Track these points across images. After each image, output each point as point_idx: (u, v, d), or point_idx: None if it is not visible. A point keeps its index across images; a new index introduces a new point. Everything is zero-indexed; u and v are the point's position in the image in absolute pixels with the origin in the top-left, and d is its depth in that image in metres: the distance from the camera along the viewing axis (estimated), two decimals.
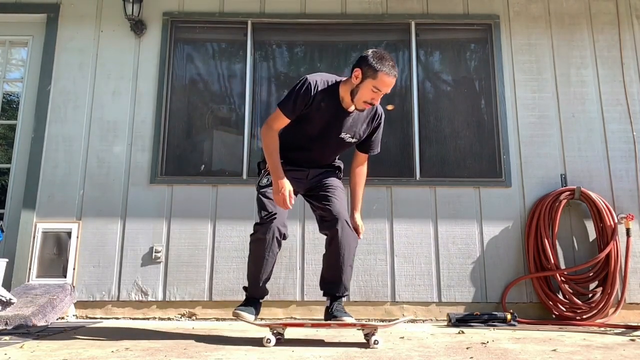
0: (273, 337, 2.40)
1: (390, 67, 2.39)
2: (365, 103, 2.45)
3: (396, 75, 2.43)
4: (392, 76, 2.39)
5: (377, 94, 2.42)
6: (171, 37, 4.01)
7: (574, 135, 3.85)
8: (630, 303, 3.60)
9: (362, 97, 2.43)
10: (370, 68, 2.38)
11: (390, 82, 2.40)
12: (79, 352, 2.23)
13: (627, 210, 3.70)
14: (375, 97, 2.43)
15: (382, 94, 2.44)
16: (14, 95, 4.15)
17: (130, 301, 3.58)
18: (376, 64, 2.37)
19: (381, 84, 2.38)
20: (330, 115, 2.51)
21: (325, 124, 2.52)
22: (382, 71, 2.37)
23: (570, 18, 4.05)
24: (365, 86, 2.40)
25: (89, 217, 3.69)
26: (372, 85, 2.39)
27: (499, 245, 3.68)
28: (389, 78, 2.38)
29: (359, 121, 2.58)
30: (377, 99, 2.45)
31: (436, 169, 3.84)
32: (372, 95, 2.42)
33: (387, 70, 2.37)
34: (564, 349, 2.33)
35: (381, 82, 2.38)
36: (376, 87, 2.39)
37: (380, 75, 2.37)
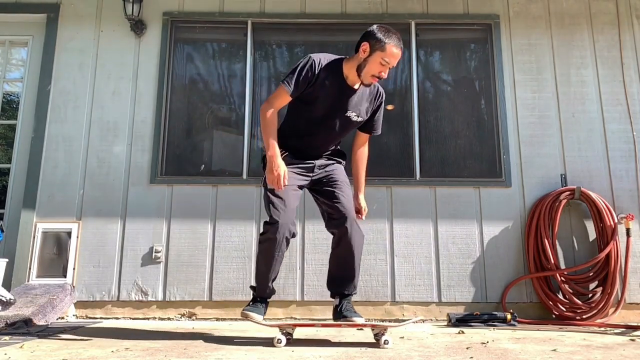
0: (283, 337, 2.39)
1: (397, 39, 2.42)
2: (373, 77, 2.44)
3: (402, 48, 2.45)
4: (399, 48, 2.42)
5: (386, 66, 2.42)
6: (171, 37, 4.01)
7: (574, 135, 3.85)
8: (630, 303, 3.60)
9: (370, 70, 2.42)
10: (378, 41, 2.39)
11: (398, 54, 2.42)
12: (79, 352, 2.23)
13: (627, 210, 3.70)
14: (383, 69, 2.42)
15: (389, 67, 2.43)
16: (14, 95, 4.15)
17: (130, 301, 3.58)
18: (384, 37, 2.39)
19: (390, 56, 2.40)
20: (335, 93, 2.49)
21: (330, 103, 2.50)
22: (390, 43, 2.39)
23: (570, 18, 4.05)
24: (374, 59, 2.40)
25: (89, 217, 3.69)
26: (380, 58, 2.39)
27: (499, 245, 3.68)
28: (397, 49, 2.41)
29: (363, 99, 2.57)
30: (385, 72, 2.44)
31: (436, 169, 3.84)
32: (380, 68, 2.41)
33: (394, 42, 2.40)
34: (564, 349, 2.33)
35: (390, 53, 2.39)
36: (385, 59, 2.39)
37: (389, 47, 2.38)
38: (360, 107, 2.56)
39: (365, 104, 2.58)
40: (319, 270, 3.60)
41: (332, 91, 2.48)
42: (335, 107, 2.51)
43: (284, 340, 2.38)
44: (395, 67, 3.99)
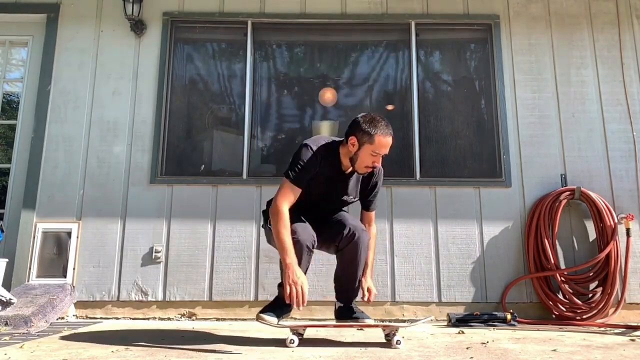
0: (296, 337, 2.37)
1: (384, 127, 2.37)
2: (367, 168, 2.44)
3: (391, 134, 2.40)
4: (388, 136, 2.38)
5: (377, 156, 2.40)
6: (171, 37, 4.01)
7: (574, 135, 3.85)
8: (630, 303, 3.60)
9: (362, 162, 2.41)
10: (364, 134, 2.36)
11: (388, 143, 2.39)
12: (79, 352, 2.23)
13: (627, 210, 3.70)
14: (376, 159, 2.41)
15: (381, 156, 2.42)
16: (14, 95, 4.15)
17: (130, 301, 3.58)
18: (370, 129, 2.36)
19: (379, 147, 2.37)
20: (333, 180, 2.50)
21: (328, 188, 2.51)
22: (378, 134, 2.35)
23: (570, 18, 4.05)
24: (364, 152, 2.38)
25: (89, 217, 3.68)
26: (370, 150, 2.37)
27: (499, 245, 3.68)
28: (385, 139, 2.37)
29: (359, 181, 2.59)
30: (378, 161, 2.43)
31: (436, 169, 3.84)
32: (372, 159, 2.40)
33: (382, 132, 2.36)
34: (564, 349, 2.33)
35: (379, 145, 2.36)
36: (375, 151, 2.37)
37: (377, 138, 2.35)
38: (356, 189, 2.58)
39: (362, 184, 2.59)
40: (319, 271, 3.60)
41: (331, 178, 2.49)
42: (332, 191, 2.53)
43: (296, 340, 2.36)
44: (395, 67, 4.04)
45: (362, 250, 2.49)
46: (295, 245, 2.31)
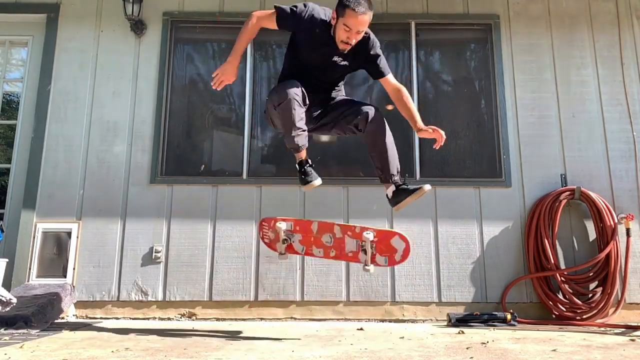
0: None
1: (357, 3, 2.36)
2: (342, 43, 2.47)
3: (365, 12, 2.39)
4: (359, 13, 2.36)
5: (350, 32, 2.41)
6: (171, 37, 4.01)
7: (574, 135, 3.85)
8: (630, 303, 3.60)
9: (339, 37, 2.45)
10: (340, 6, 2.41)
11: (358, 20, 2.37)
12: (79, 352, 2.23)
13: (627, 210, 3.70)
14: (349, 35, 2.42)
15: (355, 32, 2.42)
16: (14, 95, 4.15)
17: (130, 301, 3.58)
18: (346, 2, 2.39)
19: (349, 21, 2.38)
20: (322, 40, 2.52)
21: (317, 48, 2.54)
22: (348, 7, 2.36)
23: (570, 18, 4.05)
24: (339, 25, 2.43)
25: (89, 217, 3.68)
26: (342, 24, 2.40)
27: (499, 245, 3.68)
28: (355, 14, 2.36)
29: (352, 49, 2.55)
30: (352, 38, 2.44)
31: (436, 169, 3.84)
32: (345, 34, 2.42)
33: (353, 5, 2.36)
34: (564, 349, 2.33)
35: (348, 19, 2.38)
36: (346, 24, 2.39)
37: (348, 11, 2.37)
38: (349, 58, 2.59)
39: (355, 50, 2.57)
40: (318, 271, 3.60)
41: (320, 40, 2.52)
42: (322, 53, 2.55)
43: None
44: (395, 67, 4.04)
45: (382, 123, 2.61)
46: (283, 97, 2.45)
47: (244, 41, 2.58)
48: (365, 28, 2.46)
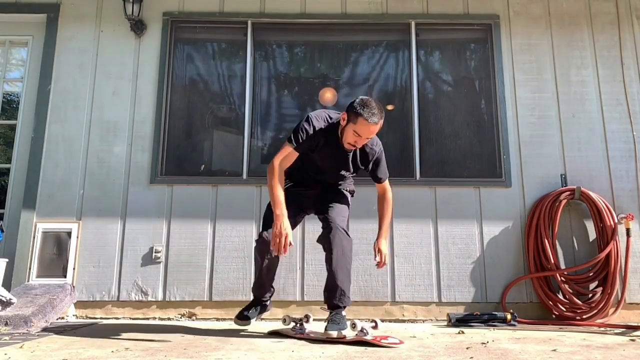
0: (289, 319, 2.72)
1: (370, 114, 2.45)
2: (349, 144, 2.56)
3: (378, 122, 2.48)
4: (371, 123, 2.46)
5: (359, 138, 2.51)
6: (171, 37, 4.01)
7: (574, 135, 3.85)
8: (630, 303, 3.60)
9: (346, 138, 2.55)
10: (353, 113, 2.48)
11: (368, 128, 2.47)
12: (79, 352, 2.23)
13: (627, 210, 3.70)
14: (357, 140, 2.52)
15: (363, 139, 2.52)
16: (14, 95, 4.15)
17: (130, 301, 3.58)
18: (359, 109, 2.47)
19: (360, 129, 2.47)
20: (331, 151, 2.64)
21: (326, 160, 2.69)
22: (362, 116, 2.45)
23: (570, 18, 4.05)
24: (348, 129, 2.51)
25: (89, 217, 3.68)
26: (352, 129, 2.49)
27: (499, 245, 3.68)
28: (367, 124, 2.45)
29: (360, 158, 2.71)
30: (359, 142, 2.54)
31: (436, 169, 3.84)
32: (354, 138, 2.52)
33: (366, 116, 2.44)
34: (564, 349, 2.33)
35: (360, 127, 2.47)
36: (356, 131, 2.48)
37: (360, 120, 2.45)
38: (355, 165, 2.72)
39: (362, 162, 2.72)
40: (318, 271, 3.60)
41: (328, 152, 2.64)
42: (331, 164, 2.71)
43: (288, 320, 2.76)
44: (395, 67, 4.04)
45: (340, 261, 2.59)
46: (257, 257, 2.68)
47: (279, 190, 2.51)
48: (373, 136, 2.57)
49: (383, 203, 2.82)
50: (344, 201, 2.81)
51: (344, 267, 2.60)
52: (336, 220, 2.65)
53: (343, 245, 2.60)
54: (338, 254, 2.58)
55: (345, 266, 2.61)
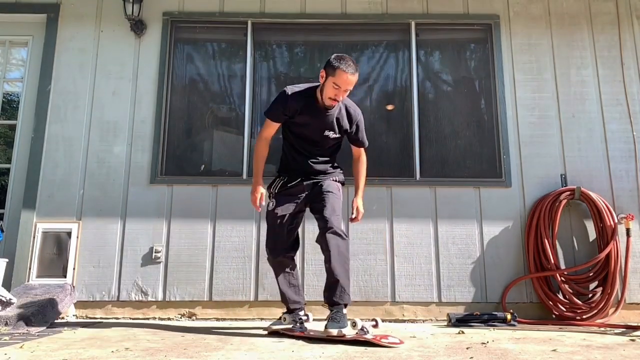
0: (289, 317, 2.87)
1: (347, 65, 2.63)
2: (330, 99, 2.70)
3: (354, 73, 2.65)
4: (349, 73, 2.63)
5: (339, 89, 2.65)
6: (171, 37, 4.01)
7: (574, 135, 3.85)
8: (630, 303, 3.60)
9: (326, 94, 2.69)
10: (330, 67, 2.66)
11: (347, 79, 2.64)
12: (79, 352, 2.23)
13: (627, 210, 3.70)
14: (337, 93, 2.67)
15: (343, 91, 2.67)
16: (14, 95, 4.15)
17: (130, 301, 3.58)
18: (335, 63, 2.64)
19: (339, 81, 2.63)
20: (311, 115, 2.78)
21: (309, 124, 2.80)
22: (340, 68, 2.62)
23: (570, 18, 4.05)
24: (328, 84, 2.67)
25: (89, 217, 3.69)
26: (332, 82, 2.64)
27: (499, 245, 3.68)
28: (345, 74, 2.62)
29: (341, 118, 2.84)
30: (339, 95, 2.68)
31: (436, 169, 3.84)
32: (334, 92, 2.66)
33: (344, 67, 2.62)
34: (564, 349, 2.33)
35: (338, 78, 2.63)
36: (336, 83, 2.63)
37: (338, 72, 2.62)
38: (337, 126, 2.83)
39: (343, 123, 2.86)
40: (319, 271, 3.60)
41: (308, 115, 2.78)
42: (314, 128, 2.81)
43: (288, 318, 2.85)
44: (395, 67, 4.04)
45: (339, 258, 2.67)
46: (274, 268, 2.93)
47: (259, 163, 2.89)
48: (351, 87, 2.70)
49: (359, 165, 3.02)
50: (336, 196, 2.84)
51: (342, 265, 2.66)
52: (332, 220, 2.70)
53: (339, 245, 2.67)
54: (335, 254, 2.64)
55: (343, 265, 2.66)
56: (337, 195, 2.85)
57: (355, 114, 2.90)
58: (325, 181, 2.87)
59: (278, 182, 2.88)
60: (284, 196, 2.85)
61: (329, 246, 2.65)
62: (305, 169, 2.87)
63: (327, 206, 2.74)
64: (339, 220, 2.76)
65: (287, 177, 2.88)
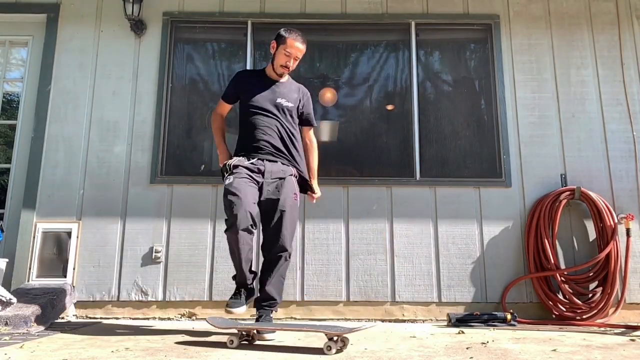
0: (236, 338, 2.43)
1: (296, 34, 2.90)
2: (281, 67, 2.92)
3: (303, 42, 2.92)
4: (299, 41, 2.89)
5: (289, 57, 2.89)
6: (171, 37, 4.01)
7: (574, 135, 3.85)
8: (630, 303, 3.60)
9: (278, 62, 2.91)
10: (280, 37, 2.91)
11: (298, 47, 2.89)
12: (79, 352, 2.23)
13: (627, 210, 3.70)
14: (288, 61, 2.90)
15: (293, 58, 2.90)
16: (14, 95, 4.15)
17: (130, 301, 3.58)
18: (285, 33, 2.90)
19: (289, 49, 2.87)
20: (262, 88, 2.95)
21: (261, 95, 2.92)
22: (290, 37, 2.88)
23: (570, 18, 4.05)
24: (279, 52, 2.90)
25: (89, 217, 3.69)
26: (283, 50, 2.88)
27: (499, 245, 3.68)
28: (296, 42, 2.88)
29: (291, 91, 3.01)
30: (290, 62, 2.91)
31: (436, 169, 3.84)
32: (285, 59, 2.90)
33: (294, 36, 2.89)
34: (564, 349, 2.33)
35: (289, 47, 2.87)
36: (287, 50, 2.87)
37: (289, 40, 2.88)
38: (289, 96, 2.98)
39: (293, 94, 3.01)
40: (319, 271, 3.60)
41: (260, 87, 2.95)
42: (266, 97, 2.93)
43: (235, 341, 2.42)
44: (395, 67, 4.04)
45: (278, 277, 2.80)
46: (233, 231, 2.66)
47: (219, 135, 3.04)
48: (300, 56, 2.92)
49: (311, 148, 3.12)
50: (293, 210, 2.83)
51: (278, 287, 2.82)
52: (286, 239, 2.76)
53: (284, 271, 2.81)
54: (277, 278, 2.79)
55: (279, 287, 2.83)
56: (294, 205, 2.83)
57: (304, 89, 3.09)
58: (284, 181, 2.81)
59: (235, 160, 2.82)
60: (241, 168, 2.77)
61: (276, 268, 2.77)
62: (265, 145, 2.83)
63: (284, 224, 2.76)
64: (292, 239, 2.83)
65: (245, 154, 2.84)
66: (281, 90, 2.97)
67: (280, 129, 2.89)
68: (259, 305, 2.79)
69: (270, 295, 2.77)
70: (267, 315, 2.75)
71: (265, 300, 2.78)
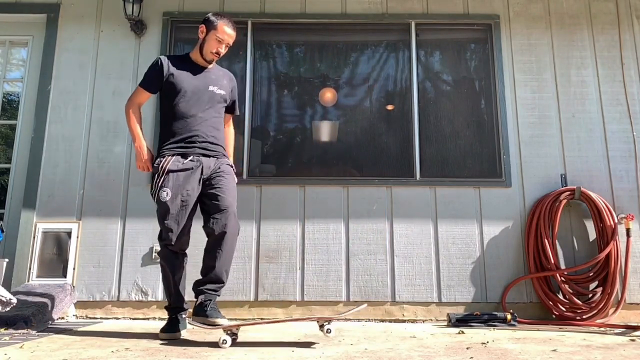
0: (229, 337, 2.40)
1: (227, 20, 2.82)
2: (212, 54, 2.81)
3: (234, 29, 2.84)
4: (230, 27, 2.82)
5: (221, 43, 2.80)
6: (171, 37, 4.01)
7: (574, 135, 3.85)
8: (630, 303, 3.60)
9: (208, 48, 2.80)
10: (211, 22, 2.81)
11: (230, 33, 2.81)
12: (79, 352, 2.23)
13: (627, 210, 3.70)
14: (219, 46, 2.80)
15: (224, 45, 2.81)
16: (14, 95, 4.15)
17: (130, 301, 3.58)
18: (215, 18, 2.81)
19: (222, 33, 2.78)
20: (192, 73, 2.81)
21: (190, 84, 2.78)
22: (222, 22, 2.80)
23: (570, 18, 4.05)
24: (210, 38, 2.79)
25: (89, 217, 3.68)
26: (215, 36, 2.78)
27: (499, 245, 3.68)
28: (228, 28, 2.81)
29: (221, 78, 2.90)
30: (221, 49, 2.81)
31: (436, 169, 3.84)
32: (216, 46, 2.80)
33: (225, 22, 2.81)
34: (564, 349, 2.33)
35: (221, 31, 2.78)
36: (218, 36, 2.78)
37: (220, 25, 2.79)
38: (220, 83, 2.88)
39: (224, 81, 2.91)
40: (319, 271, 3.60)
41: (189, 74, 2.80)
42: (197, 85, 2.80)
43: (229, 340, 2.39)
44: (395, 67, 4.04)
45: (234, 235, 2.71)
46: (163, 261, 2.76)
47: (136, 125, 2.79)
48: (232, 43, 2.85)
49: (231, 137, 3.10)
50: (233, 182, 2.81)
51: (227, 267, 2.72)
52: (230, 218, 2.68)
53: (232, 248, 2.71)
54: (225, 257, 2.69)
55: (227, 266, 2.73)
56: (234, 182, 2.80)
57: (231, 75, 3.02)
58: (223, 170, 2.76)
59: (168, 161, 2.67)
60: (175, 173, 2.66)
61: (223, 247, 2.67)
62: (197, 140, 2.72)
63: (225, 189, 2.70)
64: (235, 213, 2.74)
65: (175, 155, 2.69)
66: (211, 77, 2.84)
67: (211, 119, 2.79)
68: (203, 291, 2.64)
69: (220, 277, 2.67)
70: (214, 302, 2.63)
71: (212, 282, 2.67)
